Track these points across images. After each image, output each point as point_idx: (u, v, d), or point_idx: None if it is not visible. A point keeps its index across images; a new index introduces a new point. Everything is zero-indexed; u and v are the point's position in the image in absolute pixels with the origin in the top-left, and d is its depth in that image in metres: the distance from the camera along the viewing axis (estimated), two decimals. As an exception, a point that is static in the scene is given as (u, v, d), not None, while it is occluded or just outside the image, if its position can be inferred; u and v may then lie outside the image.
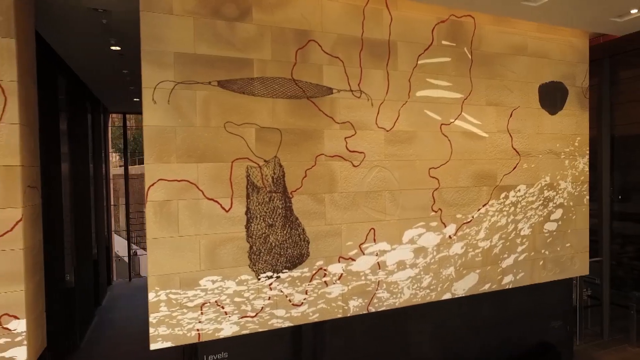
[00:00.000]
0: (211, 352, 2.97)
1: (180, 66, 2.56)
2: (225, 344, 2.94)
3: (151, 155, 2.51)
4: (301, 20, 2.86)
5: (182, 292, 2.60)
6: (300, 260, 2.91)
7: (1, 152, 2.24)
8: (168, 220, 2.55)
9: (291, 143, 2.85)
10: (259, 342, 3.00)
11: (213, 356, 3.01)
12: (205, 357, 2.98)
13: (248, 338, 2.89)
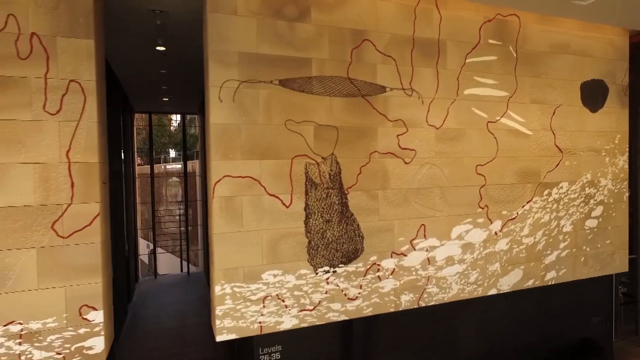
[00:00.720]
0: (265, 345, 3.05)
1: (244, 65, 2.63)
2: (279, 337, 3.01)
3: (217, 152, 2.58)
4: (357, 20, 2.92)
5: (246, 286, 2.67)
6: (355, 255, 2.97)
7: (81, 149, 2.32)
8: (233, 216, 2.62)
9: (347, 140, 2.91)
10: (310, 335, 3.06)
11: (267, 349, 3.09)
12: (260, 349, 3.06)
13: (299, 331, 2.95)
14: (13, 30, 2.19)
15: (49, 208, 2.27)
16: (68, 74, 2.29)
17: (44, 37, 2.24)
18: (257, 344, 3.02)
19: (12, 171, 2.19)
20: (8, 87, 2.18)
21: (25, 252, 2.22)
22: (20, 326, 2.22)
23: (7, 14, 2.17)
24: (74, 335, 2.33)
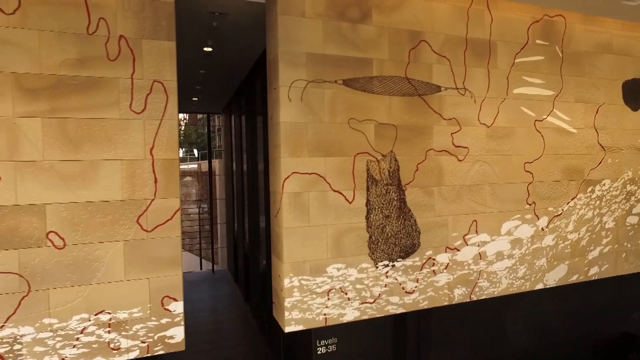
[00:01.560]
0: (322, 338, 3.15)
1: (311, 66, 2.72)
2: (334, 330, 3.11)
3: (287, 150, 2.67)
4: (414, 22, 3.01)
5: (312, 279, 2.76)
6: (412, 249, 3.06)
7: (164, 147, 2.42)
8: (300, 211, 2.71)
9: (405, 138, 3.00)
10: (364, 329, 3.16)
11: (324, 341, 3.18)
12: (317, 342, 3.16)
13: (354, 324, 3.04)
14: (103, 33, 2.29)
15: (134, 203, 2.37)
16: (152, 74, 2.39)
17: (131, 40, 2.34)
18: (315, 337, 3.12)
19: (102, 167, 2.30)
20: (99, 87, 2.28)
21: (113, 244, 2.33)
22: (109, 315, 2.33)
23: (98, 18, 2.27)
24: (156, 324, 2.43)
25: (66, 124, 2.23)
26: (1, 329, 2.14)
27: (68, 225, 2.24)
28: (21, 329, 2.17)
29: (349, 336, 3.16)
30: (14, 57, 2.13)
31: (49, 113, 2.20)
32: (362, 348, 3.25)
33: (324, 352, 3.14)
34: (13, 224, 2.15)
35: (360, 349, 3.24)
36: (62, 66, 2.22)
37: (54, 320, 2.23)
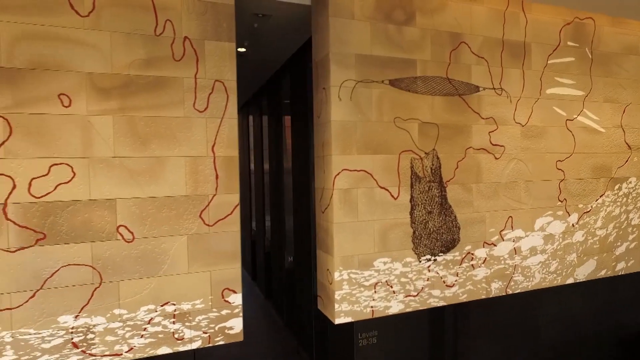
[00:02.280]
0: (364, 330, 3.24)
1: (360, 66, 2.82)
2: (374, 323, 3.20)
3: (337, 148, 2.76)
4: (454, 24, 3.11)
5: (360, 272, 2.85)
6: (453, 244, 3.15)
7: (224, 144, 2.51)
8: (350, 207, 2.81)
9: (446, 137, 3.10)
10: (403, 322, 3.25)
11: (365, 334, 3.28)
12: (359, 334, 3.25)
13: (393, 317, 3.14)
14: (169, 34, 2.37)
15: (197, 198, 2.45)
16: (214, 74, 2.48)
17: (194, 41, 2.43)
18: (357, 329, 3.21)
19: (168, 164, 2.38)
20: (165, 86, 2.37)
21: (178, 238, 2.41)
22: (173, 307, 2.41)
23: (165, 20, 2.36)
24: (217, 316, 2.52)
25: (135, 122, 2.31)
26: (76, 318, 2.22)
27: (137, 219, 2.33)
28: (94, 319, 2.26)
29: (388, 329, 3.26)
30: (88, 57, 2.22)
31: (119, 111, 2.28)
32: (401, 340, 3.34)
33: (365, 345, 3.23)
34: (87, 217, 2.23)
35: (399, 342, 3.33)
36: (132, 66, 2.30)
37: (123, 311, 2.31)
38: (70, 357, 2.22)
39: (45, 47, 2.14)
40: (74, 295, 2.22)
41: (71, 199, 2.20)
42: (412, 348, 3.38)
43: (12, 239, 2.10)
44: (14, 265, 2.11)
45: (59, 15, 2.17)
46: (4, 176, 2.09)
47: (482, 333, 3.49)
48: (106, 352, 2.29)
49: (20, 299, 2.13)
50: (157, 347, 2.38)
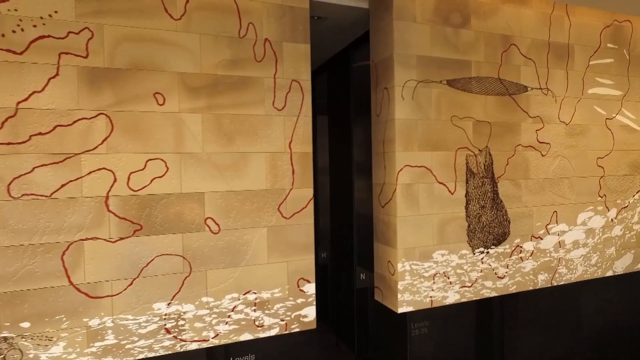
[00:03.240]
0: (416, 321, 3.38)
1: (420, 67, 2.95)
2: (425, 314, 3.33)
3: (400, 144, 2.90)
4: (505, 27, 3.25)
5: (420, 264, 2.99)
6: (504, 238, 3.29)
7: (300, 141, 2.64)
8: (411, 201, 2.94)
9: (497, 135, 3.24)
10: (452, 313, 3.39)
11: (417, 324, 3.41)
12: (412, 325, 3.38)
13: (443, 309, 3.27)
14: (252, 36, 2.50)
15: (276, 192, 2.58)
16: (291, 74, 2.60)
17: (274, 42, 2.56)
18: (410, 320, 3.34)
19: (250, 159, 2.51)
20: (248, 86, 2.50)
21: (258, 230, 2.54)
22: (254, 295, 2.54)
23: (248, 23, 2.49)
24: (293, 304, 2.64)
25: (221, 120, 2.44)
26: (168, 306, 2.34)
27: (222, 212, 2.45)
28: (184, 307, 2.38)
29: (438, 320, 3.39)
30: (180, 58, 2.34)
31: (207, 109, 2.41)
32: (450, 330, 3.48)
33: (417, 334, 3.37)
34: (178, 210, 2.35)
35: (448, 331, 3.47)
36: (218, 66, 2.43)
37: (210, 299, 2.44)
38: (164, 342, 2.34)
39: (143, 48, 2.27)
40: (167, 283, 2.34)
41: (165, 192, 2.33)
42: (460, 337, 3.52)
43: (113, 230, 2.23)
44: (114, 255, 2.23)
45: (154, 18, 2.29)
46: (105, 170, 2.21)
47: (528, 323, 3.63)
48: (195, 337, 2.41)
49: (120, 286, 2.25)
50: (239, 334, 2.51)
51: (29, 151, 2.08)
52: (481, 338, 3.56)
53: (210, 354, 2.57)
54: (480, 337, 3.57)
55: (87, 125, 2.17)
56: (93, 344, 2.20)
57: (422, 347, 3.41)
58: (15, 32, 2.05)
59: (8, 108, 2.04)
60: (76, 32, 2.15)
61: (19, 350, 2.07)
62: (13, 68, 2.04)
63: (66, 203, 2.14)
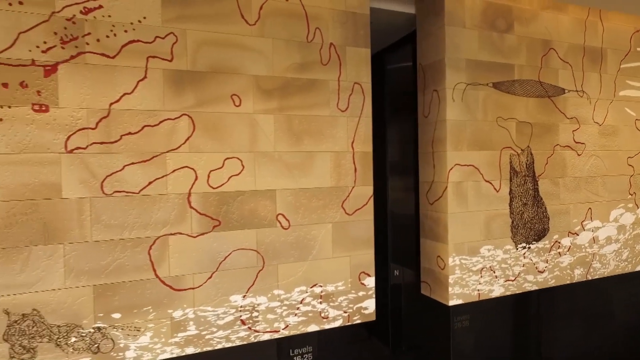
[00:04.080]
0: (458, 314, 3.51)
1: (469, 70, 3.08)
2: (465, 308, 3.46)
3: (451, 144, 3.03)
4: (545, 32, 3.40)
5: (469, 258, 3.12)
6: (543, 234, 3.43)
7: (361, 141, 2.76)
8: (461, 198, 3.07)
9: (538, 135, 3.38)
10: (491, 307, 3.52)
11: (459, 317, 3.54)
12: (455, 318, 3.51)
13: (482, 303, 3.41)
14: (318, 41, 2.62)
15: (340, 189, 2.70)
16: (353, 77, 2.73)
17: (338, 47, 2.68)
18: (453, 313, 3.48)
19: (317, 158, 2.63)
20: (315, 88, 2.61)
21: (324, 226, 2.66)
22: (320, 288, 2.65)
23: (315, 28, 2.61)
24: (355, 297, 2.76)
25: (291, 120, 2.55)
26: (244, 298, 2.45)
27: (292, 208, 2.56)
28: (258, 299, 2.49)
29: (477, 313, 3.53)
30: (255, 61, 2.46)
31: (278, 110, 2.52)
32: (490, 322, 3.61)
33: (459, 327, 3.50)
34: (253, 206, 2.46)
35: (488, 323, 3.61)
36: (289, 69, 2.54)
37: (281, 292, 2.55)
38: (239, 332, 2.45)
39: (221, 52, 2.38)
40: (242, 276, 2.45)
41: (241, 189, 2.44)
42: (499, 328, 3.65)
43: (194, 225, 2.33)
44: (195, 249, 2.34)
45: (232, 24, 2.40)
46: (188, 168, 2.32)
47: (564, 316, 3.78)
48: (267, 328, 2.52)
49: (200, 279, 2.35)
50: (307, 325, 2.62)
51: (120, 150, 2.18)
52: (519, 330, 3.70)
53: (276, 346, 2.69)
54: (518, 329, 3.71)
55: (172, 125, 2.28)
56: (176, 334, 2.31)
57: (464, 340, 3.55)
58: (109, 37, 2.15)
59: (102, 109, 2.14)
60: (162, 36, 2.25)
61: (111, 340, 2.17)
62: (107, 71, 2.15)
63: (153, 200, 2.24)
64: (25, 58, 2.01)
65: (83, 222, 2.11)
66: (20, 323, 2.01)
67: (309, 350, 2.89)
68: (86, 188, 2.12)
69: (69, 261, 2.09)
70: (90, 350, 2.14)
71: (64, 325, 2.09)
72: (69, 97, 2.08)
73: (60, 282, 2.08)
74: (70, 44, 2.08)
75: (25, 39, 2.01)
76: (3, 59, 1.98)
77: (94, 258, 2.14)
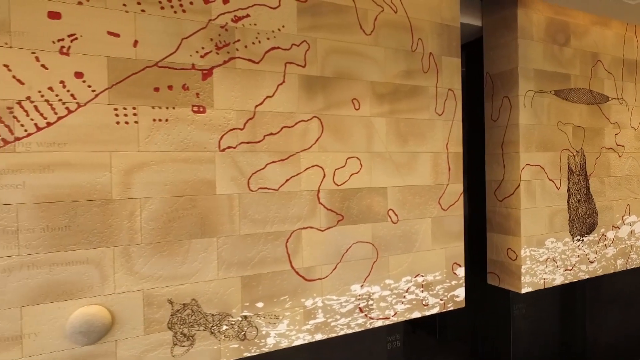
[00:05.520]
0: (517, 303, 3.81)
1: (536, 79, 3.40)
2: (520, 296, 3.78)
3: (523, 146, 3.32)
4: (593, 45, 3.77)
5: (536, 250, 3.42)
6: (593, 227, 3.79)
7: (454, 142, 3.00)
8: (530, 195, 3.37)
9: (588, 138, 3.74)
10: (540, 296, 3.85)
11: (517, 305, 3.85)
12: (514, 306, 3.81)
13: (534, 293, 3.73)
14: (420, 50, 2.85)
15: (437, 187, 2.93)
16: (447, 84, 2.97)
17: (436, 56, 2.92)
18: (513, 302, 3.78)
19: (419, 158, 2.85)
20: (417, 94, 2.84)
21: (425, 220, 2.88)
22: (422, 278, 2.87)
23: (417, 39, 2.83)
24: (448, 286, 2.99)
25: (399, 123, 2.77)
26: (361, 287, 2.64)
27: (400, 204, 2.77)
28: (372, 288, 2.68)
29: (530, 302, 3.84)
30: (370, 68, 2.66)
31: (389, 114, 2.73)
32: (540, 310, 3.94)
33: (518, 314, 3.80)
34: (369, 202, 2.66)
35: (538, 311, 3.93)
36: (397, 76, 2.76)
37: (391, 282, 2.75)
38: (358, 320, 2.63)
39: (345, 59, 2.57)
40: (360, 267, 2.64)
41: (359, 186, 2.63)
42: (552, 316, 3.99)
43: (323, 220, 2.50)
44: (323, 242, 2.51)
45: (353, 33, 2.60)
46: (317, 167, 2.49)
47: (608, 303, 4.16)
48: (380, 316, 2.71)
49: (327, 270, 2.53)
50: (411, 312, 2.83)
51: (263, 149, 2.33)
52: (568, 316, 4.05)
53: (374, 333, 2.88)
54: (567, 315, 4.06)
55: (305, 126, 2.45)
56: (308, 322, 2.47)
57: (522, 327, 3.85)
58: (254, 44, 2.30)
59: (249, 111, 2.29)
60: (297, 44, 2.42)
61: (255, 327, 2.31)
62: (252, 75, 2.30)
63: (289, 196, 2.40)
64: (186, 62, 2.14)
65: (233, 217, 2.25)
66: (181, 312, 2.13)
67: (397, 338, 3.11)
68: (236, 185, 2.26)
69: (221, 254, 2.23)
70: (238, 338, 2.27)
71: (217, 314, 2.22)
72: (222, 99, 2.22)
73: (214, 273, 2.21)
74: (223, 49, 2.23)
75: (187, 45, 2.14)
76: (169, 63, 2.10)
77: (242, 251, 2.28)
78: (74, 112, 1.92)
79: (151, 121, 2.06)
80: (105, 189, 1.97)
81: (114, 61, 1.99)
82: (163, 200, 2.09)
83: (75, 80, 1.92)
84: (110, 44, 1.99)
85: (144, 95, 2.05)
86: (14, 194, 1.81)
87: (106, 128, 1.98)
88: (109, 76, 1.98)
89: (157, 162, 2.08)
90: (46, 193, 1.86)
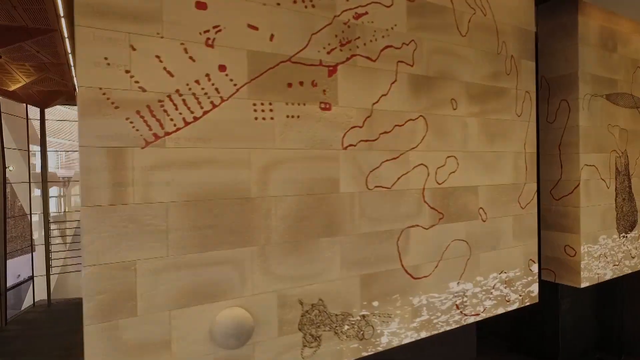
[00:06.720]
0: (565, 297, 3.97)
1: (592, 83, 3.56)
2: (565, 290, 3.95)
3: (582, 147, 3.47)
4: (634, 53, 3.99)
5: (592, 246, 3.57)
6: (634, 225, 4.00)
7: (530, 143, 3.10)
8: (587, 194, 3.52)
9: (631, 140, 3.95)
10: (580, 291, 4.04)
11: (564, 300, 4.01)
12: (561, 300, 3.97)
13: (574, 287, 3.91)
14: (504, 53, 2.92)
15: (516, 186, 3.01)
16: (524, 86, 3.06)
17: (516, 59, 3.00)
18: (561, 296, 3.93)
19: (503, 158, 2.92)
20: (502, 95, 2.91)
21: (508, 218, 2.95)
22: (505, 274, 2.94)
23: (502, 41, 2.91)
24: (526, 281, 3.08)
25: (488, 123, 2.83)
26: (458, 284, 2.67)
27: (489, 202, 2.83)
28: (466, 285, 2.72)
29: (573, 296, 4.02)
30: (465, 69, 2.70)
31: (480, 114, 2.79)
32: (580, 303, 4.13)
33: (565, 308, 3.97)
34: (463, 201, 2.70)
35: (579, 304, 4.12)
36: (485, 77, 2.82)
37: (481, 278, 2.80)
38: (454, 316, 2.66)
39: (445, 59, 2.60)
40: (457, 265, 2.67)
41: (456, 185, 2.66)
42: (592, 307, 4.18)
43: (427, 218, 2.52)
44: (427, 240, 2.53)
45: (451, 34, 2.64)
46: (422, 166, 2.50)
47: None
48: (472, 312, 2.76)
49: (430, 268, 2.54)
50: (497, 308, 2.90)
51: (379, 148, 2.32)
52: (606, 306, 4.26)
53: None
54: (603, 305, 4.26)
55: (413, 125, 2.46)
56: (414, 319, 2.48)
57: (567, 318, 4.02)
58: (372, 42, 2.29)
59: (366, 109, 2.28)
60: (407, 43, 2.43)
61: (371, 327, 2.29)
62: (370, 73, 2.29)
63: (400, 194, 2.41)
64: (315, 58, 2.11)
65: (353, 216, 2.23)
66: (310, 313, 2.09)
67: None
68: (356, 183, 2.24)
69: (343, 253, 2.20)
70: (357, 337, 2.25)
71: (340, 314, 2.19)
72: (345, 96, 2.20)
73: (337, 272, 2.18)
74: (346, 46, 2.20)
75: (315, 40, 2.11)
76: (300, 58, 2.06)
77: (360, 249, 2.26)
78: (218, 106, 1.84)
79: (285, 117, 2.02)
80: (245, 187, 1.91)
81: (253, 55, 1.93)
82: (294, 198, 2.04)
83: (219, 73, 1.85)
84: (250, 37, 1.92)
85: (278, 91, 2.00)
86: (165, 191, 1.72)
87: (246, 123, 1.91)
88: (249, 70, 1.92)
89: (291, 159, 2.03)
90: (193, 191, 1.78)
